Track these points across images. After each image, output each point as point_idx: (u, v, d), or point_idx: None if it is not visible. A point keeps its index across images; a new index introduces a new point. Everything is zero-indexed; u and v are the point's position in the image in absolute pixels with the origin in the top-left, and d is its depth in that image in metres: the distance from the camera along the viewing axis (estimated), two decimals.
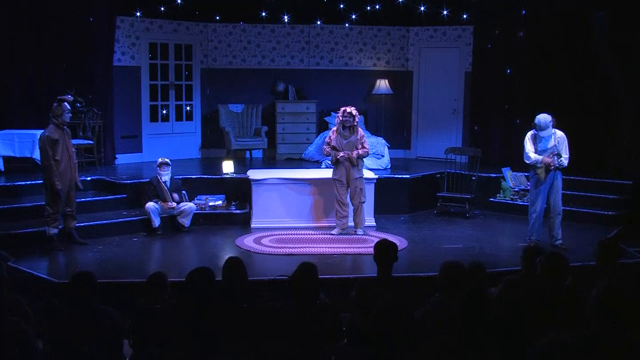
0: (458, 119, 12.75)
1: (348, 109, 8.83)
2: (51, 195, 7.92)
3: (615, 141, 10.69)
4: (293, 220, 9.32)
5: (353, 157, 8.71)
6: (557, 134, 8.06)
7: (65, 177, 7.97)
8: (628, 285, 3.07)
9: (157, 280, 4.85)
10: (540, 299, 4.28)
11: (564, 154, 8.04)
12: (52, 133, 7.90)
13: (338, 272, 7.22)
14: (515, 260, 5.03)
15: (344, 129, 8.83)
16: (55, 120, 7.96)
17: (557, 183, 8.19)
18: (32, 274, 7.05)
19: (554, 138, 8.04)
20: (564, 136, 8.06)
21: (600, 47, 10.60)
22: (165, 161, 9.11)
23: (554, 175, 8.14)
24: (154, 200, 8.91)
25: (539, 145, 8.09)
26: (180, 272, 6.37)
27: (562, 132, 8.09)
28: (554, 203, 8.22)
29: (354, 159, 8.73)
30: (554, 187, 8.19)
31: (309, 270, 4.39)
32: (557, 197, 8.22)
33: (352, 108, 8.86)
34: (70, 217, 8.19)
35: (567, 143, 8.06)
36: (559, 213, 8.26)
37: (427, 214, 10.31)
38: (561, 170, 8.15)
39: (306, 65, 13.01)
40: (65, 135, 8.08)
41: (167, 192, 8.97)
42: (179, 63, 12.49)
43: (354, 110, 8.83)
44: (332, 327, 4.36)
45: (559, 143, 8.04)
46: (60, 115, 7.95)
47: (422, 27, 12.96)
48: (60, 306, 4.53)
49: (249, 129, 12.61)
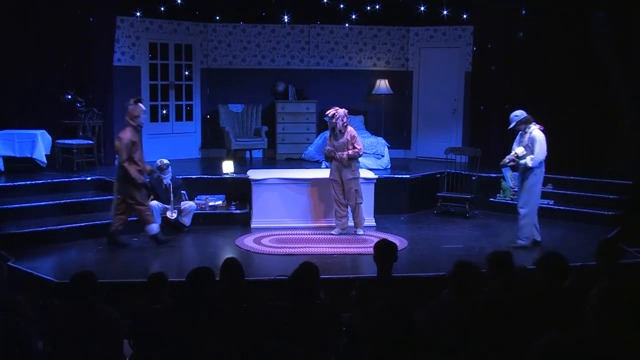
0: (458, 119, 12.75)
1: (329, 111, 8.83)
2: (137, 192, 7.96)
3: (615, 141, 10.69)
4: (293, 220, 9.32)
5: (344, 158, 8.70)
6: (532, 134, 8.02)
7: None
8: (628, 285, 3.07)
9: (157, 280, 4.86)
10: (541, 299, 4.28)
11: (532, 154, 8.00)
12: (132, 136, 7.89)
13: (338, 272, 7.23)
14: (516, 260, 5.03)
15: (333, 131, 8.84)
16: (132, 123, 7.94)
17: (525, 183, 8.21)
18: (32, 274, 7.05)
19: (527, 137, 8.06)
20: (535, 137, 8.00)
21: (600, 47, 10.59)
22: (165, 163, 8.97)
23: (522, 175, 8.21)
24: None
25: (515, 142, 8.22)
26: (180, 272, 6.38)
27: (540, 132, 8.03)
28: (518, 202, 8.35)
29: (344, 160, 8.72)
30: (523, 186, 8.24)
31: (309, 270, 4.40)
32: (522, 196, 8.25)
33: (332, 110, 8.81)
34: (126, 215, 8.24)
35: (540, 144, 7.97)
36: (518, 212, 8.32)
37: (427, 214, 10.31)
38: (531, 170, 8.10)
39: (306, 65, 13.01)
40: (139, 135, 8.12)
41: (170, 193, 8.90)
42: (179, 63, 12.50)
43: (331, 112, 8.78)
44: (332, 327, 4.36)
45: (530, 142, 8.03)
46: (137, 117, 7.94)
47: (422, 27, 12.97)
48: (60, 306, 4.53)
49: (249, 129, 12.61)
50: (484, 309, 4.11)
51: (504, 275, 4.70)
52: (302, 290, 4.33)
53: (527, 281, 4.81)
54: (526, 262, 6.37)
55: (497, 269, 4.72)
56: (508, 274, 4.73)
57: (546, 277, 4.45)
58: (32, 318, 4.22)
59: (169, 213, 8.83)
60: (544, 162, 8.17)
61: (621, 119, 10.55)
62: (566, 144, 10.85)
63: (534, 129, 8.05)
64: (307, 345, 3.95)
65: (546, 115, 10.91)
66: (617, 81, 10.48)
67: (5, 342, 3.01)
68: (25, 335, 3.12)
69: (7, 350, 3.00)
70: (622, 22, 10.20)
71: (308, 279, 4.35)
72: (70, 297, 4.36)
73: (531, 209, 8.25)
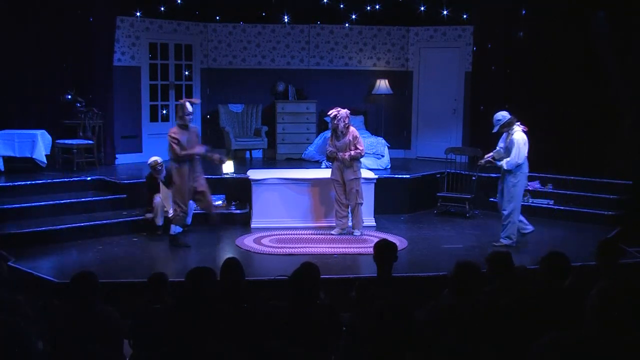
0: (458, 119, 12.75)
1: (331, 111, 8.83)
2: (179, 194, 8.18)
3: (615, 141, 10.69)
4: (293, 220, 9.32)
5: (346, 158, 8.70)
6: (513, 136, 8.05)
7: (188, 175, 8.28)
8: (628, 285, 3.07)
9: (158, 280, 4.86)
10: (541, 299, 4.28)
11: (509, 156, 8.04)
12: (174, 133, 8.08)
13: (338, 272, 7.22)
14: (516, 260, 5.03)
15: (335, 132, 8.84)
16: (178, 121, 8.18)
17: (505, 184, 8.27)
18: (32, 274, 7.05)
19: (509, 139, 8.11)
20: (514, 140, 8.02)
21: (600, 47, 10.59)
22: (157, 162, 8.90)
23: (502, 176, 8.28)
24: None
25: (500, 141, 8.33)
26: (180, 272, 6.38)
27: (522, 135, 8.06)
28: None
29: (346, 161, 8.72)
30: (503, 188, 8.30)
31: (310, 270, 4.40)
32: (504, 197, 8.30)
33: (334, 110, 8.80)
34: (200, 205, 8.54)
35: (518, 148, 7.98)
36: (502, 213, 8.39)
37: (427, 214, 10.31)
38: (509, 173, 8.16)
39: (306, 65, 13.01)
40: (191, 133, 8.22)
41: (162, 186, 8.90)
42: (179, 63, 12.50)
43: (333, 112, 8.77)
44: (331, 327, 4.36)
45: (510, 144, 8.07)
46: (180, 117, 8.15)
47: (422, 27, 12.97)
48: (60, 306, 4.53)
49: (249, 129, 12.61)
50: (484, 309, 4.11)
51: (504, 275, 4.70)
52: (302, 290, 4.33)
53: (527, 281, 4.81)
54: (526, 262, 6.38)
55: (497, 269, 4.73)
56: (508, 274, 4.73)
57: (549, 277, 4.45)
58: (32, 318, 4.21)
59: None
60: (525, 164, 8.18)
61: (621, 119, 10.56)
62: (566, 144, 10.87)
63: (517, 130, 8.10)
64: (307, 345, 3.95)
65: (546, 115, 10.98)
66: (617, 81, 10.49)
67: (5, 342, 3.01)
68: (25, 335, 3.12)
69: (7, 350, 3.00)
70: (622, 22, 10.20)
71: (308, 279, 4.35)
72: (70, 297, 4.36)
73: (512, 210, 8.27)
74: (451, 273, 4.29)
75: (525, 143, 8.04)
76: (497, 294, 4.49)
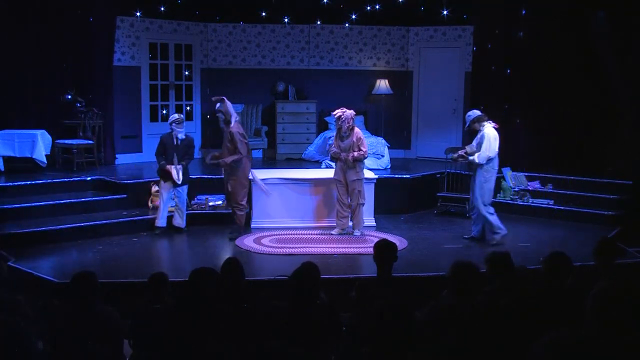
0: (458, 119, 12.73)
1: (335, 111, 8.84)
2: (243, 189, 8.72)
3: (615, 141, 10.69)
4: (293, 220, 9.31)
5: (349, 159, 8.71)
6: (484, 131, 8.22)
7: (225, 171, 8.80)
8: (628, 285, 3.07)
9: (158, 280, 4.86)
10: (541, 299, 4.28)
11: (479, 151, 8.19)
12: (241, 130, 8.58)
13: (338, 272, 7.23)
14: (516, 259, 5.03)
15: (339, 132, 8.84)
16: (238, 119, 8.69)
17: (475, 180, 8.38)
18: (32, 274, 7.05)
19: (479, 134, 8.29)
20: (485, 135, 8.19)
21: (601, 47, 10.59)
22: (180, 118, 8.94)
23: (473, 173, 8.44)
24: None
25: (474, 139, 8.46)
26: (180, 272, 6.38)
27: (493, 130, 8.21)
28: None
29: (349, 162, 8.73)
30: (474, 184, 8.40)
31: (310, 269, 4.40)
32: (473, 194, 8.42)
33: (339, 111, 8.81)
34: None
35: (488, 142, 8.14)
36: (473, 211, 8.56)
37: (427, 214, 10.31)
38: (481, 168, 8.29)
39: (306, 65, 13.01)
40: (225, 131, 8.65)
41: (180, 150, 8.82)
42: (179, 63, 12.49)
43: (338, 113, 8.78)
44: (331, 327, 4.36)
45: (481, 139, 8.23)
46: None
47: (422, 27, 12.96)
48: (60, 306, 4.53)
49: (249, 129, 12.60)
50: (484, 309, 4.11)
51: (503, 275, 4.70)
52: (302, 290, 4.33)
53: (527, 281, 4.81)
54: (526, 262, 6.38)
55: (497, 269, 4.73)
56: (508, 274, 4.73)
57: (551, 277, 4.45)
58: (32, 318, 4.22)
59: (174, 172, 8.73)
60: (495, 160, 8.32)
61: (621, 119, 10.56)
62: (566, 144, 10.86)
63: (488, 126, 8.24)
64: (307, 345, 3.95)
65: (546, 115, 10.98)
66: (617, 81, 10.49)
67: (5, 342, 3.01)
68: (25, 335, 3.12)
69: (7, 350, 3.00)
70: (622, 22, 10.20)
71: (308, 279, 4.35)
72: (70, 297, 4.36)
73: (485, 205, 8.37)
74: (448, 273, 4.29)
75: (495, 138, 8.20)
76: (497, 294, 4.49)
